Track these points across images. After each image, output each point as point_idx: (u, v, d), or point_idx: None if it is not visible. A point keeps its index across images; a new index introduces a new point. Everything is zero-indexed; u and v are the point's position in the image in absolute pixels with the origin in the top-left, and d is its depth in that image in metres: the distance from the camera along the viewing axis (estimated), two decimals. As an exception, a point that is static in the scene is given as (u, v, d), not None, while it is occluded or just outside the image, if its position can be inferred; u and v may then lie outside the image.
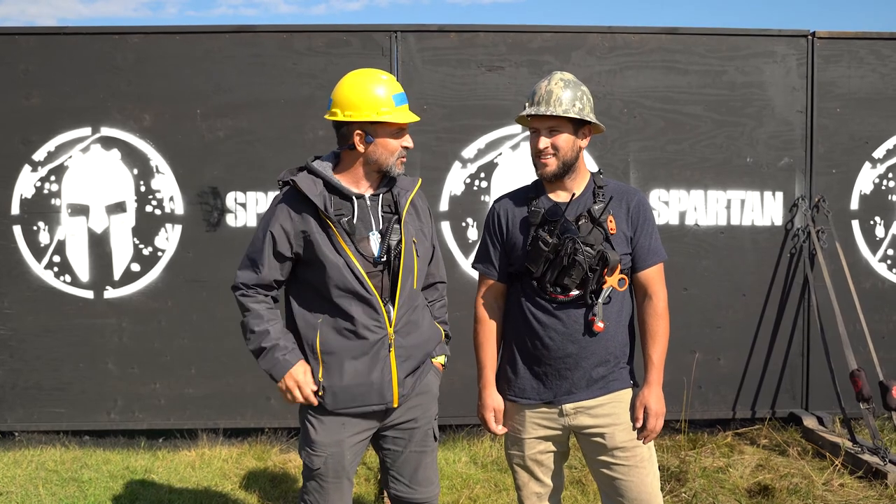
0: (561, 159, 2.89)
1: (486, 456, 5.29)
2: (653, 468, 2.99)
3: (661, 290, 2.99)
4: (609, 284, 2.85)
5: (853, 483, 4.73)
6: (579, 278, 2.81)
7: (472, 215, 5.64)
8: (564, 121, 2.87)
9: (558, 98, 2.85)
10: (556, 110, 2.84)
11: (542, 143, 2.88)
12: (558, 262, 2.81)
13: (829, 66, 5.74)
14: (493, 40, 5.61)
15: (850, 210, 5.82)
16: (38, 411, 5.64)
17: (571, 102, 2.86)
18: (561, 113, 2.83)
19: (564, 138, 2.87)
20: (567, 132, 2.88)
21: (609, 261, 2.81)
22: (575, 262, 2.78)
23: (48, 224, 5.57)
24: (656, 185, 5.71)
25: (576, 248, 2.79)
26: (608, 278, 2.84)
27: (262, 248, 2.94)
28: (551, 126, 2.87)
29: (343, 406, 2.93)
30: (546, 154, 2.88)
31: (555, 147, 2.87)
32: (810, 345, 5.81)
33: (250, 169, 5.57)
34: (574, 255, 2.78)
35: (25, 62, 5.50)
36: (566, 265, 2.80)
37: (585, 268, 2.79)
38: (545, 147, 2.88)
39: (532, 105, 2.90)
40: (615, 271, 2.85)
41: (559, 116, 2.85)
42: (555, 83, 2.87)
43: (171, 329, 5.62)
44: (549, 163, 2.89)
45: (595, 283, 2.83)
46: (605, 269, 2.82)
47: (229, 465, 5.20)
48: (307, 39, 5.56)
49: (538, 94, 2.89)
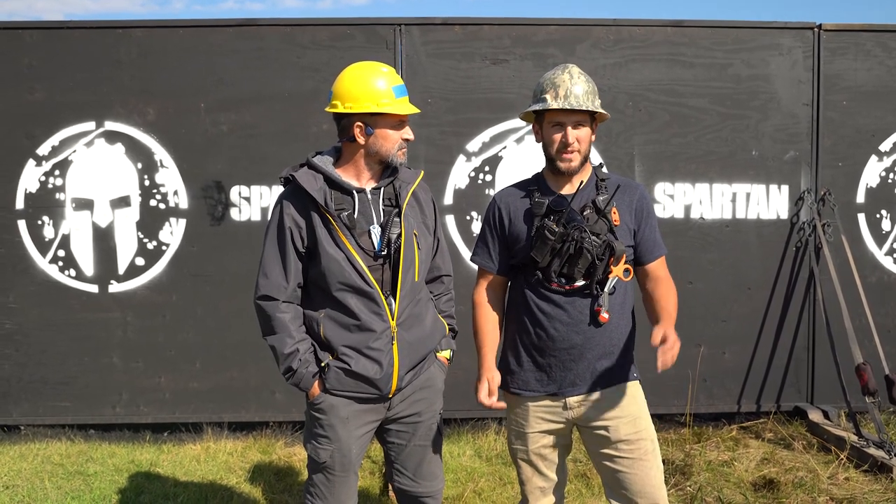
0: (583, 153, 2.90)
1: (491, 449, 5.29)
2: (656, 461, 2.98)
3: (670, 278, 3.01)
4: (615, 274, 2.84)
5: (858, 477, 4.72)
6: (585, 268, 2.80)
7: (476, 209, 5.63)
8: (586, 115, 2.88)
9: (586, 93, 2.85)
10: (588, 105, 2.83)
11: (572, 136, 2.86)
12: (564, 252, 2.81)
13: (836, 58, 5.71)
14: (498, 33, 5.59)
15: (857, 203, 5.79)
16: (43, 405, 5.66)
17: (595, 95, 2.88)
18: (591, 107, 2.84)
19: (586, 132, 2.89)
20: (587, 126, 2.89)
21: (615, 250, 2.81)
22: (582, 250, 2.78)
23: (52, 218, 5.57)
24: (661, 179, 5.69)
25: (582, 237, 2.79)
26: (614, 268, 2.84)
27: (283, 250, 2.94)
28: (578, 120, 2.87)
29: (342, 388, 2.94)
30: (573, 148, 2.87)
31: (579, 140, 2.87)
32: (815, 338, 5.79)
33: (254, 163, 5.56)
34: (581, 243, 2.78)
35: (29, 57, 5.50)
36: (572, 254, 2.80)
37: (592, 257, 2.79)
38: (573, 141, 2.86)
39: (557, 98, 2.85)
40: (621, 261, 2.85)
41: (586, 111, 2.85)
42: (577, 77, 2.87)
43: (175, 323, 5.63)
44: (574, 157, 2.88)
45: (601, 272, 2.83)
46: (612, 258, 2.82)
47: (234, 458, 5.21)
48: (311, 33, 5.55)
49: (563, 88, 2.84)
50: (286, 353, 2.93)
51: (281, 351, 2.94)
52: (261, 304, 2.98)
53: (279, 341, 2.94)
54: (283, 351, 2.93)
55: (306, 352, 2.95)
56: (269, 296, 2.95)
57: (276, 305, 2.95)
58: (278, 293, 2.95)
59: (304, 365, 2.93)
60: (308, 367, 2.94)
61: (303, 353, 2.93)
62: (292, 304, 2.99)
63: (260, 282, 2.98)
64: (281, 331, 2.94)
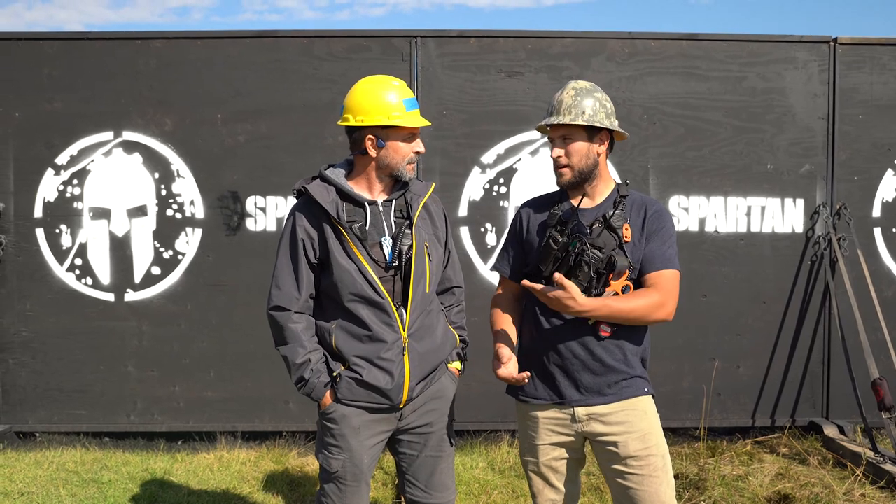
0: (576, 167, 2.92)
1: (504, 461, 5.28)
2: (667, 477, 2.96)
3: (669, 295, 2.87)
4: (612, 289, 2.83)
5: (875, 493, 4.68)
6: (586, 280, 2.80)
7: (490, 221, 5.64)
8: (576, 128, 2.90)
9: (568, 107, 2.90)
10: (563, 119, 2.89)
11: (556, 152, 2.94)
12: (565, 262, 2.82)
13: (851, 72, 5.70)
14: (513, 46, 5.62)
15: (872, 217, 5.76)
16: (58, 413, 5.70)
17: (581, 110, 2.89)
18: (568, 121, 2.88)
19: (577, 146, 2.91)
20: (580, 139, 2.90)
21: (616, 265, 2.79)
22: (581, 262, 2.78)
23: (70, 227, 5.62)
24: (676, 192, 5.69)
25: (583, 249, 2.79)
26: (613, 283, 2.83)
27: (295, 261, 2.96)
28: (563, 134, 2.92)
29: (354, 398, 2.95)
30: (560, 163, 2.93)
31: (568, 155, 2.92)
32: (831, 353, 5.76)
33: (270, 173, 5.60)
34: (581, 255, 2.78)
35: (49, 67, 5.57)
36: (572, 265, 2.80)
37: (591, 269, 2.78)
38: (558, 156, 2.93)
39: (547, 115, 2.97)
40: (622, 277, 2.83)
41: (569, 125, 2.89)
42: (566, 93, 2.93)
43: (190, 332, 5.66)
44: (565, 172, 2.94)
45: (600, 286, 2.82)
46: (611, 273, 2.81)
47: (247, 467, 5.22)
48: (327, 45, 5.59)
49: (552, 105, 2.95)
50: (298, 363, 2.95)
51: (293, 361, 2.95)
52: (273, 314, 3.00)
53: (291, 351, 2.96)
54: (296, 361, 2.95)
55: (318, 362, 2.96)
56: (282, 306, 2.98)
57: (288, 316, 2.97)
58: (290, 304, 2.97)
59: (315, 375, 2.95)
60: (320, 377, 2.95)
61: (315, 363, 2.95)
62: (304, 315, 3.00)
63: (272, 292, 3.00)
64: (293, 341, 2.96)
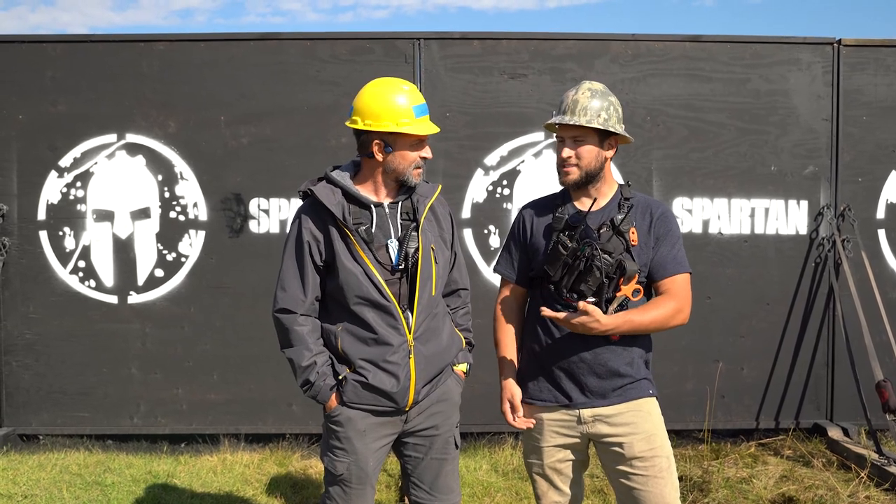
0: (584, 169, 2.90)
1: (508, 464, 5.27)
2: (672, 479, 2.96)
3: (685, 300, 2.92)
4: (623, 293, 2.83)
5: (879, 495, 4.67)
6: (595, 285, 2.79)
7: (494, 222, 5.64)
8: (589, 131, 2.88)
9: (584, 108, 2.86)
10: (579, 120, 2.85)
11: (566, 152, 2.91)
12: (575, 267, 2.81)
13: (855, 73, 5.69)
14: (516, 48, 5.62)
15: (877, 219, 5.76)
16: (62, 415, 5.70)
17: (597, 113, 2.87)
18: (584, 123, 2.85)
19: (588, 149, 2.89)
20: (591, 142, 2.89)
21: (626, 270, 2.79)
22: (592, 267, 2.77)
23: (74, 229, 5.62)
24: (679, 194, 5.68)
25: (593, 254, 2.78)
26: (623, 287, 2.82)
27: (301, 263, 2.95)
28: (575, 135, 2.89)
29: (359, 401, 2.94)
30: (569, 163, 2.91)
31: (578, 156, 2.89)
32: (835, 355, 5.75)
33: (273, 176, 5.60)
34: (591, 260, 2.77)
35: (52, 69, 5.57)
36: (582, 270, 2.79)
37: (601, 274, 2.78)
38: (568, 157, 2.90)
39: (558, 114, 2.92)
40: (631, 281, 2.83)
41: (583, 126, 2.86)
42: (581, 93, 2.89)
43: (193, 335, 5.66)
44: (571, 171, 2.92)
45: (611, 291, 2.81)
46: (622, 278, 2.81)
47: (251, 470, 5.22)
48: (330, 47, 5.59)
49: (565, 103, 2.91)
50: (304, 366, 2.94)
51: (299, 363, 2.95)
52: (279, 317, 2.99)
53: (297, 354, 2.95)
54: (301, 363, 2.94)
55: (324, 364, 2.96)
56: (287, 309, 2.97)
57: (293, 318, 2.96)
58: (296, 306, 2.96)
59: (321, 377, 2.94)
60: (325, 380, 2.95)
61: (320, 365, 2.95)
62: (310, 318, 3.00)
63: (278, 295, 2.99)
64: (298, 343, 2.95)
